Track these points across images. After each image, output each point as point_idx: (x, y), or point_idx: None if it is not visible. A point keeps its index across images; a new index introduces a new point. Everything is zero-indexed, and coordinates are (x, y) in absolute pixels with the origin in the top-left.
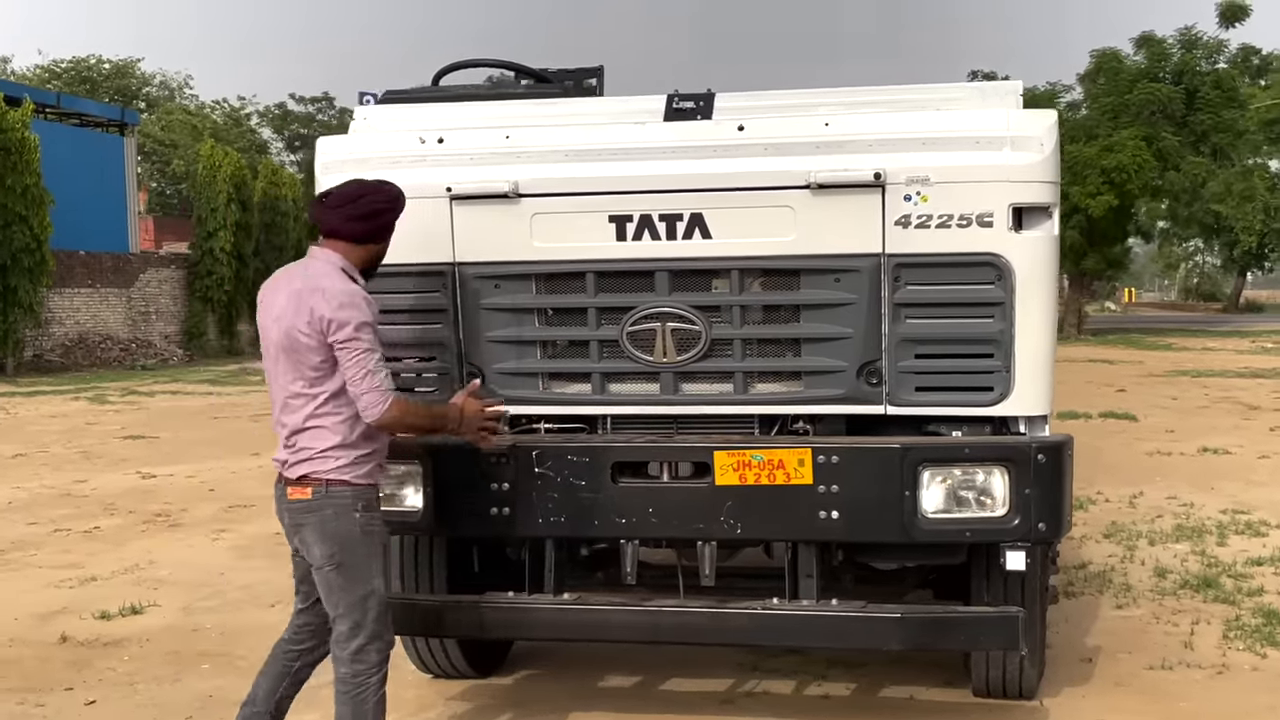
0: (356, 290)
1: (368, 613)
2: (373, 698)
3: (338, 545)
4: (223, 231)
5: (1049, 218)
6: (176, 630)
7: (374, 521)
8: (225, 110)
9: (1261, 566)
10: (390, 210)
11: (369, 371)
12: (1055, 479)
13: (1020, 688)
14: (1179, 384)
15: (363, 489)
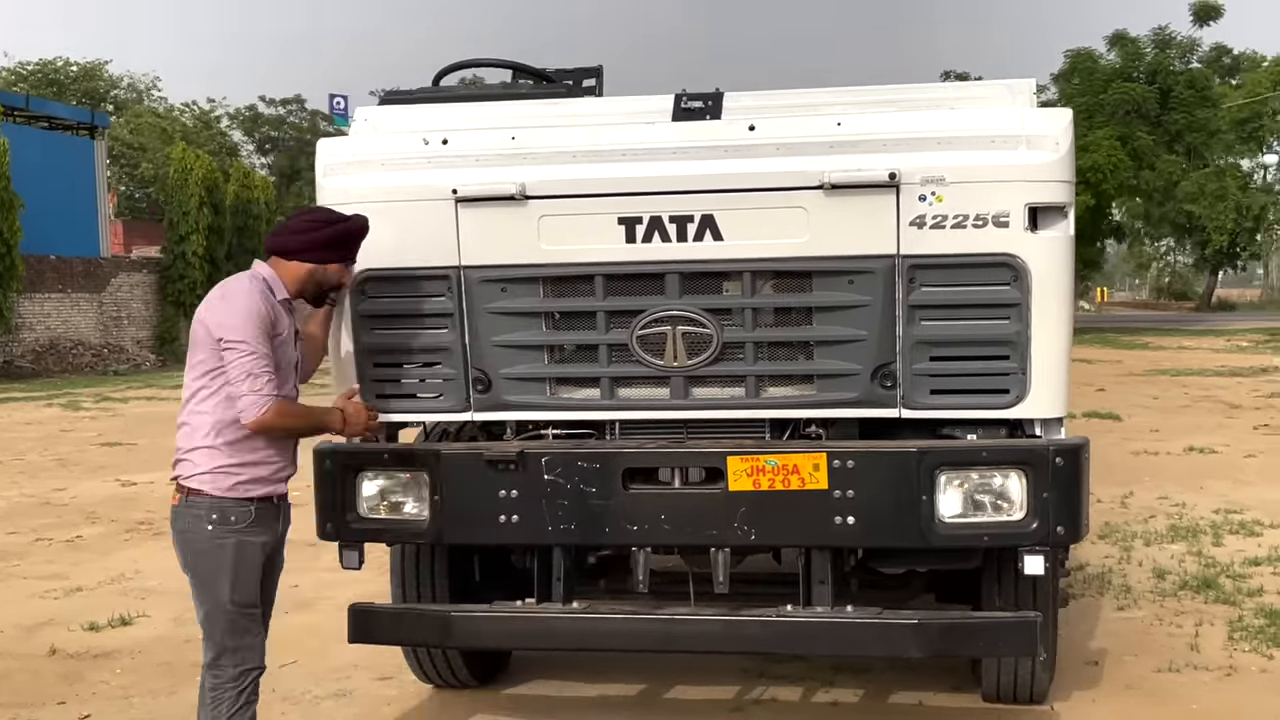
0: (249, 294)
1: (215, 626)
2: (225, 713)
3: (189, 554)
4: (195, 235)
5: (1064, 217)
6: (168, 641)
7: (228, 534)
8: (195, 113)
9: (1259, 566)
10: (316, 230)
11: (250, 374)
12: (1073, 482)
13: (1031, 692)
14: (1159, 383)
15: (220, 500)
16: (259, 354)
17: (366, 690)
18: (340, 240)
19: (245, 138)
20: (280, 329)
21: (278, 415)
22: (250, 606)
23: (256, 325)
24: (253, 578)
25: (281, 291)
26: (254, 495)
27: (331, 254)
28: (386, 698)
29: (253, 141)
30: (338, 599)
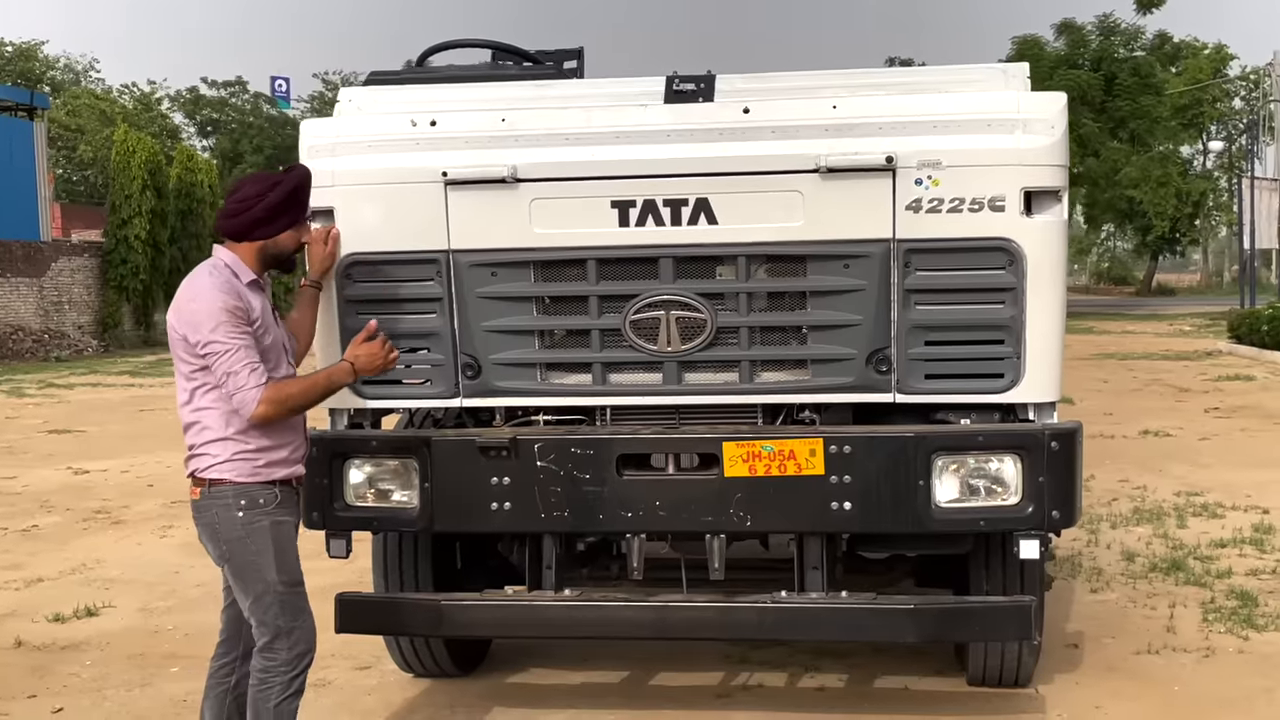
0: (213, 290)
1: (267, 610)
2: (275, 698)
3: (223, 544)
4: (137, 219)
5: (1059, 201)
6: (137, 632)
7: (260, 517)
8: (135, 95)
9: (1225, 548)
10: (245, 210)
11: (229, 373)
12: (1068, 466)
13: (1017, 676)
14: (1107, 367)
15: (245, 486)
16: (234, 349)
17: (346, 680)
18: (276, 211)
19: (187, 120)
20: (255, 314)
21: (272, 402)
22: (298, 584)
23: (227, 321)
24: (294, 555)
25: (246, 274)
26: (276, 478)
27: (275, 225)
28: (366, 687)
29: (194, 124)
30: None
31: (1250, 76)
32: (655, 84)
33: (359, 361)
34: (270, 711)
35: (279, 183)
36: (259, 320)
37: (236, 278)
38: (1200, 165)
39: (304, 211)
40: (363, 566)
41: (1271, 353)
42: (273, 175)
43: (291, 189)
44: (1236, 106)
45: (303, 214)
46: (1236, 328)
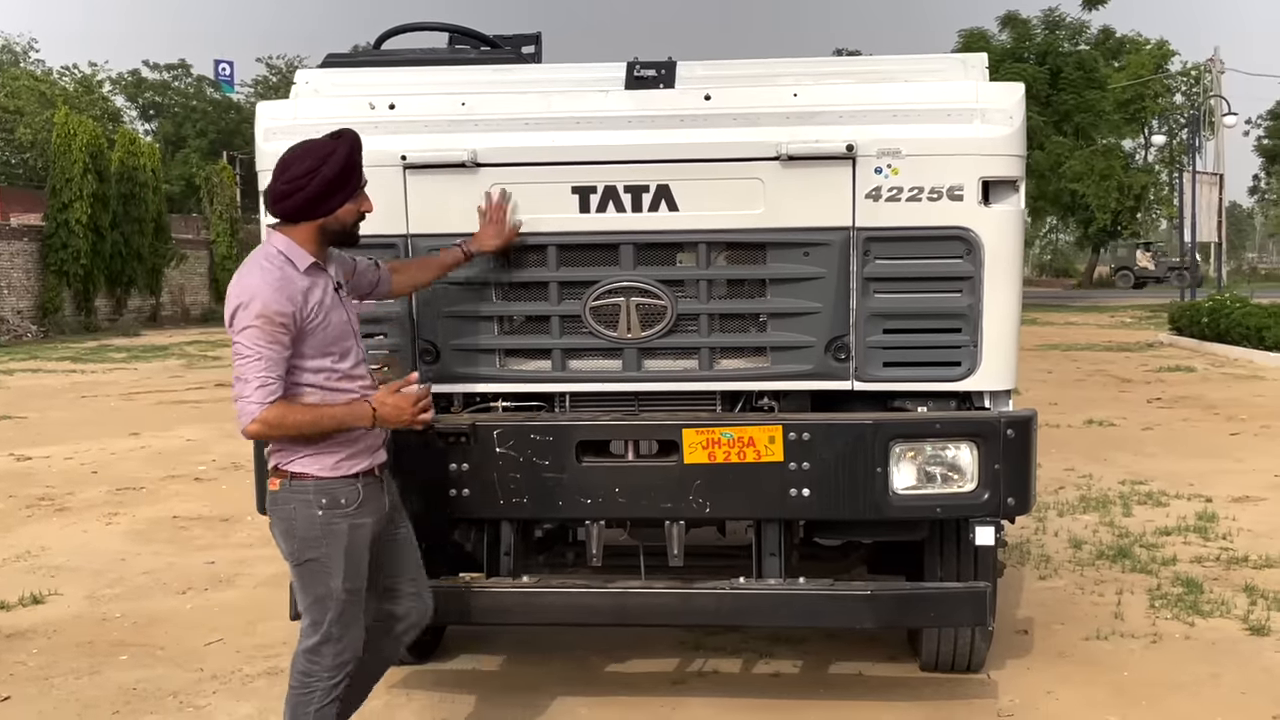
0: (260, 290)
1: (324, 614)
2: (316, 703)
3: (296, 541)
4: (78, 203)
5: (1015, 191)
6: (85, 620)
7: (338, 518)
8: (76, 77)
9: (1170, 536)
10: (299, 190)
11: (240, 378)
12: (1023, 454)
13: (970, 662)
14: (1050, 358)
15: (328, 482)
16: (253, 357)
17: None
18: (332, 186)
19: (128, 103)
20: (310, 304)
21: (268, 424)
22: (359, 592)
23: (259, 328)
24: (364, 562)
25: (304, 259)
26: (358, 470)
27: (333, 200)
28: None
29: (136, 107)
30: (257, 575)
31: (1191, 72)
32: (616, 70)
33: (382, 409)
34: (310, 716)
35: (331, 153)
36: (314, 313)
37: (292, 265)
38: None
39: (360, 180)
40: None
41: (1212, 344)
42: (322, 145)
43: (345, 159)
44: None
45: (359, 183)
46: (1177, 320)
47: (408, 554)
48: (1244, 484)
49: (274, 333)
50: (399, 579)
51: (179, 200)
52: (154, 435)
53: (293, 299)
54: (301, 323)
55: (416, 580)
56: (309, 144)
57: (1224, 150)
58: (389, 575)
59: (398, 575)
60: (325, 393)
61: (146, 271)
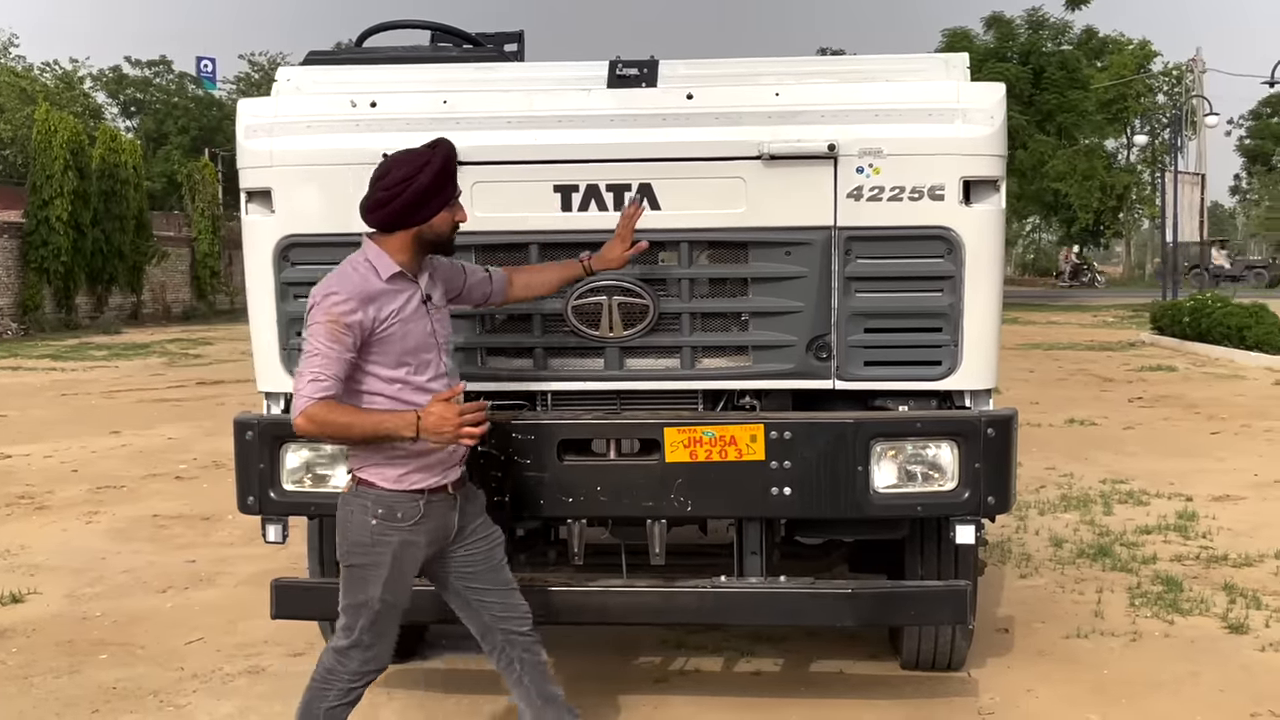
0: (339, 293)
1: (358, 619)
2: (331, 700)
3: (348, 544)
4: (59, 200)
5: (996, 191)
6: (65, 619)
7: (391, 531)
8: (56, 73)
9: (1150, 535)
10: (395, 198)
11: (298, 372)
12: (1003, 453)
13: (950, 660)
14: (1032, 357)
15: (389, 494)
16: (316, 352)
17: (280, 667)
18: (427, 194)
19: (110, 100)
20: (386, 312)
21: (312, 420)
22: (396, 607)
23: (328, 326)
24: (407, 578)
25: (389, 267)
26: (424, 486)
27: (428, 209)
28: (301, 673)
29: (117, 104)
30: (238, 574)
31: (1173, 72)
32: (598, 68)
33: (426, 419)
34: (321, 713)
35: (427, 162)
36: (389, 322)
37: (375, 274)
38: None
39: (455, 189)
40: (297, 552)
41: (1193, 344)
42: (419, 154)
43: (440, 167)
44: (1160, 101)
45: (454, 192)
46: (1159, 319)
47: (496, 571)
48: (1224, 483)
49: (337, 333)
50: (488, 592)
51: (160, 197)
52: (135, 434)
53: (365, 306)
54: (372, 330)
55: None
56: (405, 153)
57: (1206, 150)
58: (485, 593)
59: (490, 590)
60: (394, 403)
61: (128, 269)
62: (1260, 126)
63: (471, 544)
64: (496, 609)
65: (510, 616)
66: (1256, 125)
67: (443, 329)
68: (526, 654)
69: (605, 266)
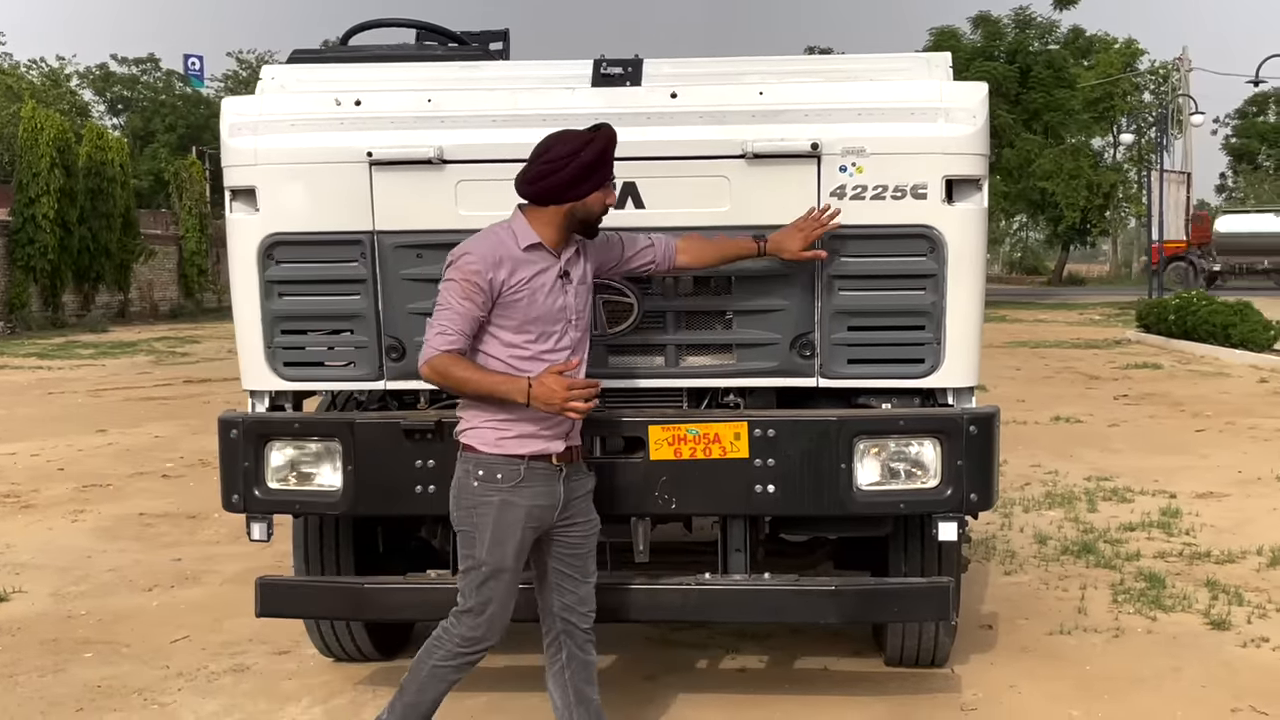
0: (474, 250)
1: (469, 582)
2: (437, 659)
3: (457, 509)
4: (45, 198)
5: (979, 190)
6: (50, 618)
7: (491, 492)
8: (43, 70)
9: (1134, 531)
10: (555, 172)
11: (429, 323)
12: (986, 450)
13: (934, 656)
14: (1019, 355)
15: (488, 458)
16: (445, 305)
17: (265, 665)
18: (588, 170)
19: (97, 98)
20: (516, 279)
21: (435, 371)
22: (503, 571)
23: (460, 282)
24: (513, 540)
25: (527, 238)
26: (524, 452)
27: (581, 188)
28: (286, 671)
29: (104, 101)
30: (224, 572)
31: (1159, 71)
32: (583, 67)
33: (536, 389)
34: (429, 668)
35: (590, 142)
36: (518, 289)
37: (515, 240)
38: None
39: (610, 173)
40: (282, 550)
41: (1178, 341)
42: (582, 134)
43: (602, 148)
44: (1146, 100)
45: (610, 176)
46: (1144, 317)
47: (584, 559)
48: (1208, 480)
49: (468, 290)
50: (569, 579)
51: (148, 195)
52: (121, 432)
53: (497, 269)
54: (499, 292)
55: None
56: (569, 132)
57: (1192, 149)
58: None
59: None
60: (507, 366)
61: (114, 267)
62: (1246, 125)
63: (571, 526)
64: (569, 597)
65: (578, 609)
66: (1242, 124)
67: (577, 304)
68: (579, 650)
69: (777, 254)
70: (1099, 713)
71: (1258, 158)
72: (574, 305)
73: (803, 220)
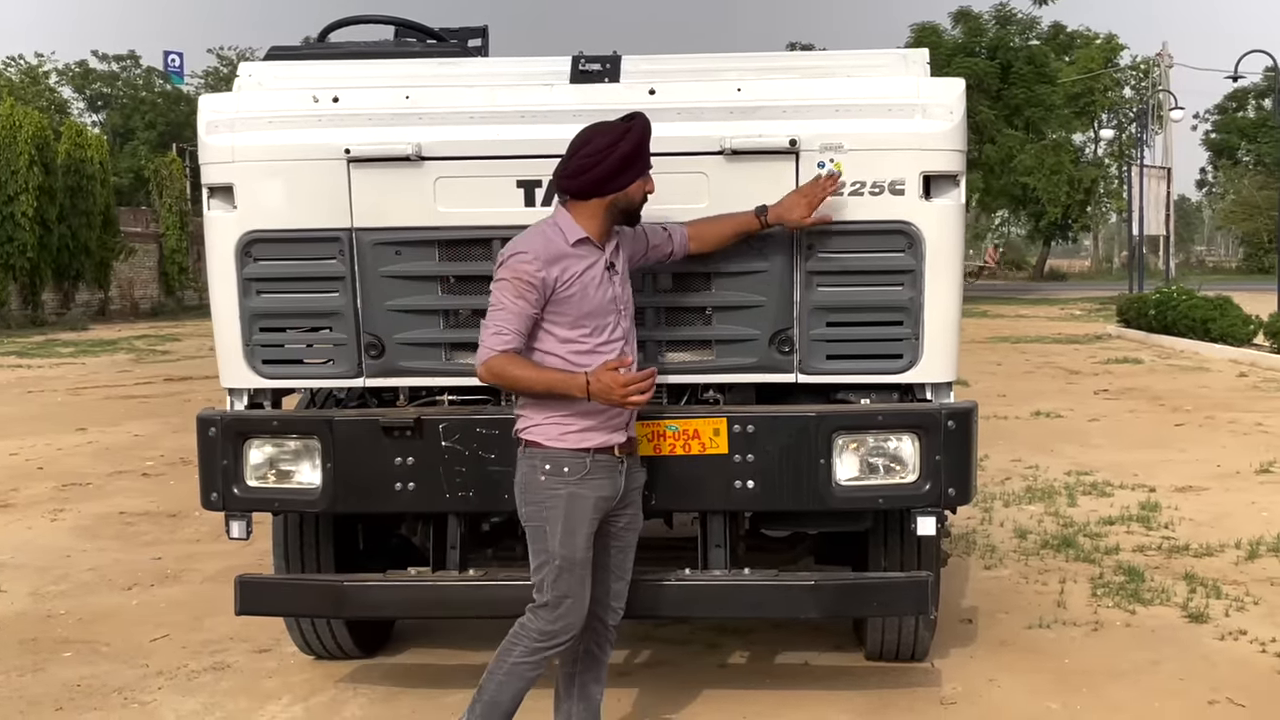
0: (525, 249)
1: (545, 576)
2: (516, 656)
3: (525, 504)
4: (24, 195)
5: (956, 186)
6: (29, 617)
7: (559, 484)
8: (21, 67)
9: (1113, 525)
10: (597, 165)
11: (485, 324)
12: (964, 445)
13: (914, 650)
14: (1000, 350)
15: (554, 451)
16: (499, 306)
17: (245, 663)
18: (628, 161)
19: (76, 94)
20: (569, 275)
21: (492, 371)
22: (576, 562)
23: (511, 281)
24: (582, 530)
25: (575, 232)
26: (588, 445)
27: (622, 179)
28: (267, 670)
29: (84, 99)
30: (204, 570)
31: (1140, 66)
32: (561, 64)
33: (594, 384)
34: (507, 666)
35: (627, 132)
36: (570, 284)
37: (562, 236)
38: (1092, 153)
39: (648, 162)
40: (263, 548)
41: (1159, 336)
42: (618, 125)
43: (640, 137)
44: (1127, 95)
45: (648, 164)
46: (1125, 312)
47: (625, 553)
48: (1187, 474)
49: (521, 289)
50: (605, 571)
51: (128, 193)
52: (101, 430)
53: (549, 266)
54: (553, 289)
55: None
56: (604, 124)
57: (1172, 144)
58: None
59: (607, 571)
60: (566, 362)
61: (94, 265)
62: (1226, 120)
63: (622, 517)
64: (599, 590)
65: (609, 604)
66: (1222, 119)
67: (625, 294)
68: (596, 647)
69: (780, 222)
70: (1077, 705)
71: (1237, 153)
72: (622, 295)
73: (808, 186)
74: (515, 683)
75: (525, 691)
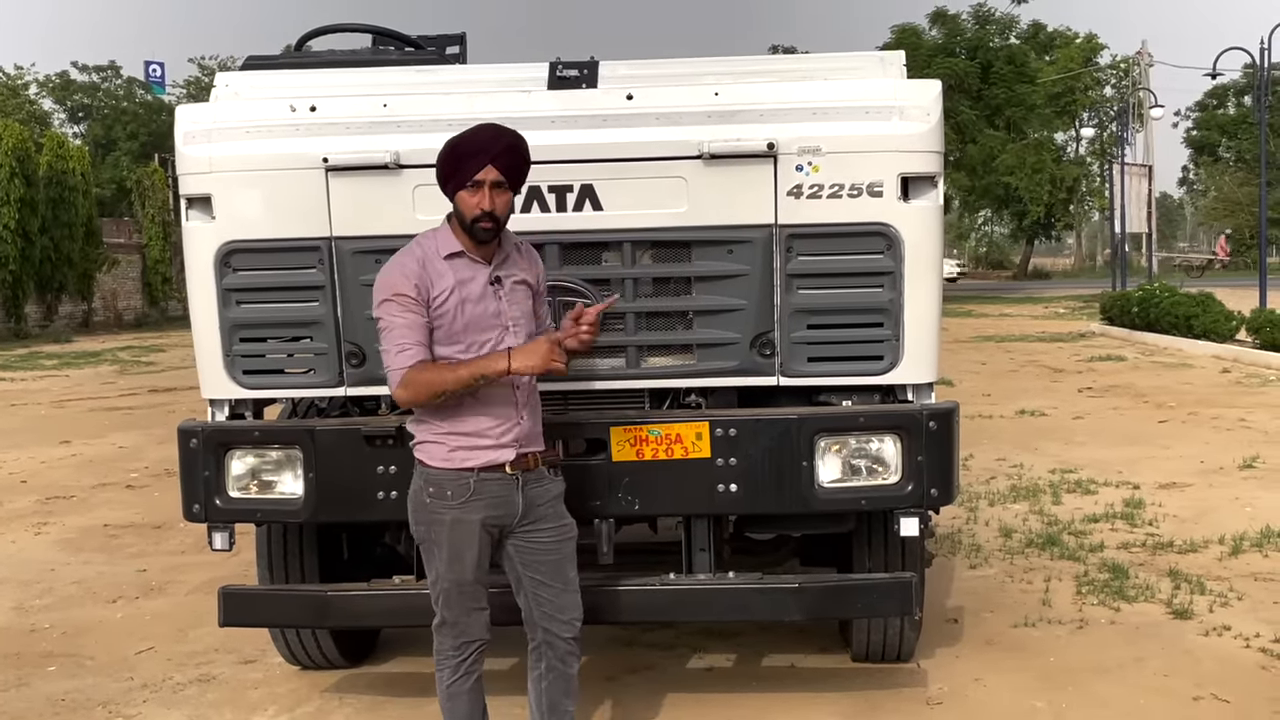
0: (392, 268)
1: (435, 595)
2: (445, 680)
3: (415, 525)
4: (6, 208)
5: (934, 187)
6: (12, 631)
7: (443, 510)
8: (1, 79)
9: (1098, 523)
10: (443, 164)
11: (383, 350)
12: (946, 445)
13: (900, 651)
14: (985, 349)
15: (437, 472)
16: (390, 328)
17: (230, 674)
18: (446, 169)
19: (57, 106)
20: (438, 290)
21: (410, 385)
22: (466, 584)
23: (391, 301)
24: (469, 554)
25: (448, 246)
26: (472, 465)
27: (447, 186)
28: (252, 681)
29: (65, 110)
30: (189, 582)
31: (1120, 65)
32: (539, 70)
33: (517, 357)
34: (444, 691)
35: (470, 133)
36: (440, 300)
37: (437, 251)
38: (1073, 152)
39: (471, 175)
40: (247, 559)
41: (1142, 333)
42: (476, 128)
43: (455, 144)
44: (1107, 94)
45: (470, 176)
46: (1108, 310)
47: (557, 565)
48: (1170, 470)
49: (405, 303)
50: (544, 586)
51: (110, 204)
52: (85, 443)
53: (419, 281)
54: (428, 304)
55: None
56: (483, 129)
57: (1153, 142)
58: (541, 586)
59: (546, 584)
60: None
61: (77, 277)
62: (1206, 118)
63: (538, 530)
64: (547, 605)
65: (556, 618)
66: (1202, 117)
67: (515, 311)
68: (559, 662)
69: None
70: (1063, 703)
71: (1218, 150)
72: (509, 311)
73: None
74: (460, 704)
75: (479, 704)
